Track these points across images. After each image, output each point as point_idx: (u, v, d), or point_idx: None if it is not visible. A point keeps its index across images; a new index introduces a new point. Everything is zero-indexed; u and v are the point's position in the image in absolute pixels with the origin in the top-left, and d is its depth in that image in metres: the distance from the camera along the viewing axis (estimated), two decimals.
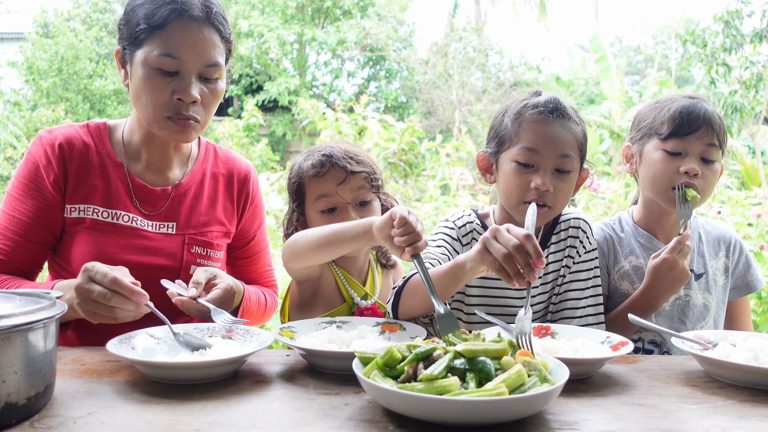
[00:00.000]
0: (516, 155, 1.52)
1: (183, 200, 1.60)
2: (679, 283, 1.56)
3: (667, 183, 1.62)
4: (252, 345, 1.23)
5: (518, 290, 1.60)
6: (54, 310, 0.96)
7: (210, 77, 1.46)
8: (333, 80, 18.15)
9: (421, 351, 0.98)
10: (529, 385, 0.91)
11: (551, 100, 1.56)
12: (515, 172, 1.52)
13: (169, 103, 1.42)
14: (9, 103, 13.70)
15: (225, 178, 1.68)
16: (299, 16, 16.74)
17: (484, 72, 16.01)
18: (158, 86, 1.41)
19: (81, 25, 17.06)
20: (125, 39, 1.45)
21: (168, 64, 1.39)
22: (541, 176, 1.50)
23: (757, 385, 1.12)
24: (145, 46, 1.41)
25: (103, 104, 15.79)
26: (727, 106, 7.25)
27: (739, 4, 7.26)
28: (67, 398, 1.00)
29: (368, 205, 1.59)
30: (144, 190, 1.55)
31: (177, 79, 1.41)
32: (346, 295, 1.59)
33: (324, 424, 0.91)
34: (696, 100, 1.65)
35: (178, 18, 1.39)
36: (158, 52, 1.39)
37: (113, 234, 1.50)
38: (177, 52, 1.39)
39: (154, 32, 1.39)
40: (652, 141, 1.66)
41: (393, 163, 6.35)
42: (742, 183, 7.74)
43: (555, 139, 1.52)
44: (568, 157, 1.52)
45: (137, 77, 1.42)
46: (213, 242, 1.61)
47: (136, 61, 1.42)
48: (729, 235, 1.79)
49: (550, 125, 1.52)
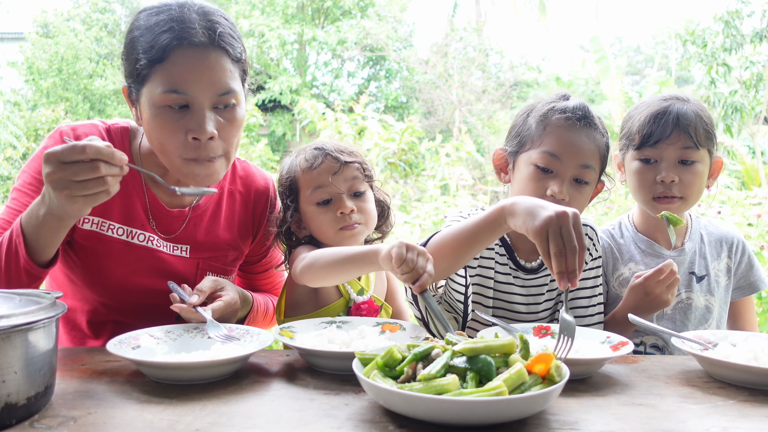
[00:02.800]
0: (536, 159, 1.49)
1: (199, 222, 1.52)
2: (656, 308, 1.53)
3: (646, 193, 1.61)
4: (252, 345, 1.23)
5: (524, 295, 1.60)
6: (54, 310, 0.96)
7: (226, 104, 1.31)
8: (333, 80, 18.15)
9: (419, 351, 0.98)
10: (528, 385, 0.91)
11: (580, 107, 1.52)
12: (533, 176, 1.49)
13: (186, 144, 1.28)
14: (9, 103, 13.68)
15: (242, 196, 1.60)
16: (299, 16, 16.75)
17: (484, 72, 16.00)
18: (170, 127, 1.27)
19: (81, 25, 17.07)
20: (129, 76, 1.32)
21: (175, 100, 1.26)
22: (558, 183, 1.46)
23: (757, 385, 1.12)
24: (148, 83, 1.27)
25: (103, 104, 15.79)
26: (727, 106, 7.25)
27: (739, 4, 7.26)
28: (67, 398, 1.00)
29: (362, 195, 1.58)
30: (161, 210, 1.46)
31: (189, 115, 1.27)
32: (342, 290, 1.59)
33: (324, 424, 0.91)
34: (669, 102, 1.61)
35: (178, 47, 1.24)
36: (162, 89, 1.25)
37: (127, 254, 1.42)
38: (183, 87, 1.25)
39: (154, 67, 1.25)
40: (630, 151, 1.65)
41: (393, 163, 6.35)
42: (742, 183, 7.74)
43: (579, 147, 1.48)
44: (589, 167, 1.49)
45: (146, 119, 1.31)
46: (227, 268, 1.57)
47: (143, 101, 1.30)
48: (731, 236, 1.77)
49: (575, 133, 1.48)
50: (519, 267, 1.61)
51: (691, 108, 1.59)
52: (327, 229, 1.54)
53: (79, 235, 1.41)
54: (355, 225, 1.54)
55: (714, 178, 1.67)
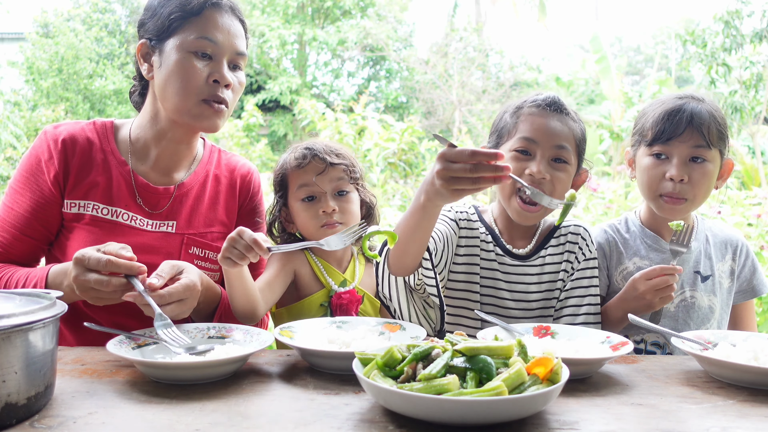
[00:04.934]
0: (514, 145, 1.57)
1: (185, 200, 1.60)
2: (641, 308, 1.52)
3: (655, 190, 1.62)
4: (252, 345, 1.23)
5: (510, 282, 1.65)
6: (54, 310, 0.96)
7: (238, 66, 1.53)
8: (333, 80, 18.16)
9: (419, 351, 0.98)
10: (528, 385, 0.91)
11: (549, 96, 1.61)
12: (511, 160, 1.56)
13: (205, 86, 1.46)
14: (9, 103, 13.70)
15: (227, 180, 1.69)
16: (300, 16, 16.76)
17: (484, 72, 16.01)
18: (194, 69, 1.44)
19: (81, 25, 17.08)
20: (151, 32, 1.49)
21: (205, 47, 1.45)
22: (537, 164, 1.53)
23: (757, 385, 1.12)
24: (179, 33, 1.45)
25: (103, 104, 15.80)
26: (727, 106, 7.26)
27: (739, 4, 7.27)
28: (67, 398, 1.00)
29: (346, 195, 1.66)
30: (147, 188, 1.56)
31: (212, 63, 1.47)
32: (323, 281, 1.66)
33: (324, 424, 0.91)
34: (684, 100, 1.62)
35: (212, 7, 1.47)
36: (195, 36, 1.45)
37: (111, 231, 1.50)
38: (213, 36, 1.46)
39: (189, 19, 1.45)
40: (641, 147, 1.66)
41: (393, 163, 6.35)
42: (742, 183, 7.74)
43: (552, 129, 1.56)
44: (565, 148, 1.56)
45: (170, 64, 1.45)
46: (212, 244, 1.61)
47: (167, 50, 1.46)
48: (736, 239, 1.78)
49: (547, 117, 1.57)
50: (506, 252, 1.66)
51: (706, 108, 1.60)
52: (310, 225, 1.63)
53: (66, 219, 1.52)
54: (336, 224, 1.62)
55: (724, 179, 1.67)
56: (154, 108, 1.55)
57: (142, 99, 1.61)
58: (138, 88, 1.63)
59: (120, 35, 17.87)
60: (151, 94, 1.55)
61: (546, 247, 1.67)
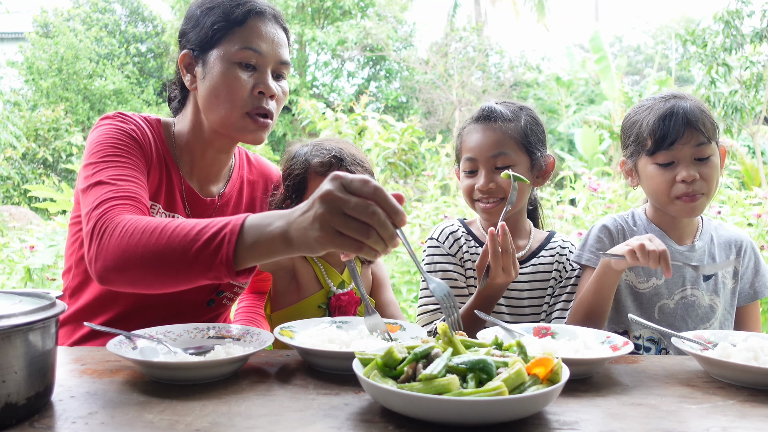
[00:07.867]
0: (461, 166, 1.72)
1: (225, 210, 1.58)
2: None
3: (668, 194, 1.62)
4: (252, 345, 1.23)
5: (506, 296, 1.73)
6: (54, 310, 0.96)
7: (282, 75, 1.50)
8: (333, 80, 18.15)
9: (419, 351, 0.97)
10: (528, 385, 0.91)
11: (483, 108, 1.71)
12: (462, 180, 1.72)
13: (250, 98, 1.42)
14: (9, 103, 13.70)
15: (262, 186, 1.70)
16: (299, 16, 16.75)
17: (484, 72, 16.02)
18: (239, 81, 1.41)
19: (81, 25, 17.09)
20: (194, 42, 1.45)
21: (249, 57, 1.41)
22: (481, 177, 1.65)
23: (757, 385, 1.12)
24: (223, 44, 1.41)
25: (103, 104, 15.80)
26: (727, 106, 7.26)
27: (739, 4, 7.27)
28: (66, 398, 1.00)
29: None
30: (196, 198, 1.52)
31: (256, 74, 1.43)
32: (323, 282, 1.66)
33: (324, 424, 0.91)
34: (672, 101, 1.61)
35: (256, 16, 1.43)
36: (239, 46, 1.40)
37: None
38: (258, 46, 1.42)
39: (233, 29, 1.41)
40: (642, 157, 1.65)
41: (393, 163, 6.35)
42: (742, 183, 7.74)
43: (486, 142, 1.65)
44: (503, 154, 1.64)
45: (214, 75, 1.41)
46: None
47: (211, 60, 1.42)
48: (741, 239, 1.77)
49: (480, 131, 1.67)
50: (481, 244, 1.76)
51: (694, 104, 1.61)
52: None
53: None
54: None
55: (722, 166, 1.68)
56: (196, 118, 1.50)
57: (180, 106, 1.57)
58: (178, 96, 1.57)
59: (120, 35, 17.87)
60: (192, 104, 1.51)
61: (538, 256, 1.76)
